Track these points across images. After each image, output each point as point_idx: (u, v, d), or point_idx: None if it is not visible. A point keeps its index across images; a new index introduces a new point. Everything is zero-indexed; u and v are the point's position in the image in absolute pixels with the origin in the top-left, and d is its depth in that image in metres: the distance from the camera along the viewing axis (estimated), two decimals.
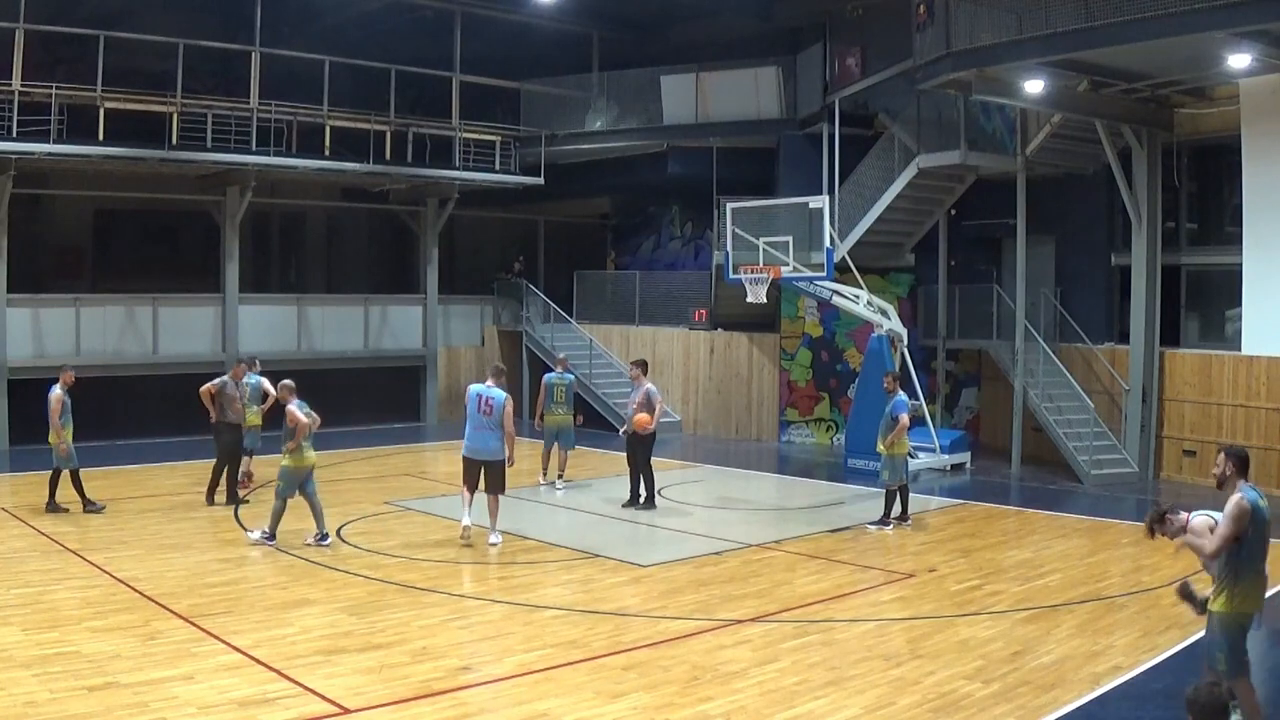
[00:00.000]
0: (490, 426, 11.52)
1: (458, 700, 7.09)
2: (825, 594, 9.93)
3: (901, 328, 17.66)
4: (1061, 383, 17.70)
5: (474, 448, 11.64)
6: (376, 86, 21.54)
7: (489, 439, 11.55)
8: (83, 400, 17.90)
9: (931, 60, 15.59)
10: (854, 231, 19.22)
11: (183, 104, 18.91)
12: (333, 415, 21.75)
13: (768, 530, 12.76)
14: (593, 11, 22.92)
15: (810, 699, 7.20)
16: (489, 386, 11.66)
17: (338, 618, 8.85)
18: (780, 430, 21.16)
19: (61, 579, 9.88)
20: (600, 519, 13.50)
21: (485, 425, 11.54)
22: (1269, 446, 15.52)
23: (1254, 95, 15.54)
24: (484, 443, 11.58)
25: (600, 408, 22.65)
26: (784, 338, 21.19)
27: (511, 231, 27.74)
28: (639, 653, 8.12)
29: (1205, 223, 17.95)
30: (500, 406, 11.47)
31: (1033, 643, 8.44)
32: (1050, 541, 12.40)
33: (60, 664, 7.47)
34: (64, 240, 22.61)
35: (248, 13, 19.88)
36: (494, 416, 11.48)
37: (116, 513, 13.07)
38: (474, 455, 11.65)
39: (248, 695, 7.00)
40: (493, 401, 11.51)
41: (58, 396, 12.74)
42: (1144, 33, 13.09)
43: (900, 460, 12.94)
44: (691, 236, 24.59)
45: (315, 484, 11.63)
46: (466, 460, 11.73)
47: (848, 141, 19.43)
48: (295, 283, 25.11)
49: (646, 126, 22.88)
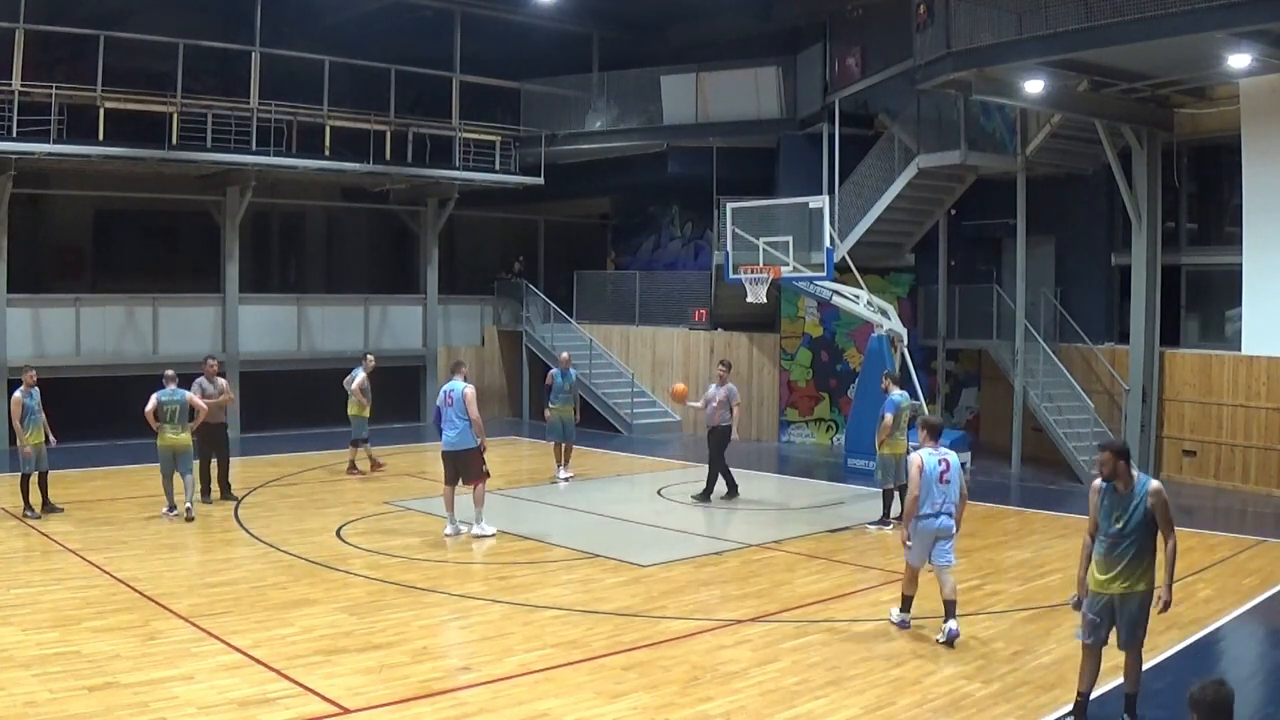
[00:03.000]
0: (451, 418, 11.89)
1: (458, 700, 7.09)
2: (825, 594, 9.93)
3: (901, 328, 17.65)
4: (1061, 383, 17.70)
5: (444, 440, 12.05)
6: (376, 86, 21.54)
7: (450, 430, 11.91)
8: (83, 400, 18.08)
9: (931, 60, 15.59)
10: (854, 231, 19.22)
11: (183, 104, 18.91)
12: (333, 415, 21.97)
13: (768, 530, 12.76)
14: (593, 11, 22.92)
15: (810, 699, 7.20)
16: (453, 381, 12.12)
17: (338, 618, 8.85)
18: (780, 430, 21.16)
19: (61, 579, 9.88)
20: (600, 519, 13.50)
21: (448, 417, 11.93)
22: (1269, 446, 15.53)
23: (1254, 95, 15.54)
24: (447, 433, 11.96)
25: (600, 408, 22.67)
26: (784, 338, 21.19)
27: (511, 231, 27.74)
28: (639, 653, 8.12)
29: (1205, 223, 17.94)
30: (459, 397, 11.85)
31: (1033, 643, 8.44)
32: (1050, 541, 12.40)
33: (60, 664, 7.47)
34: (64, 240, 22.60)
35: (248, 13, 19.88)
36: (454, 407, 11.86)
37: (117, 513, 13.05)
38: (445, 447, 12.04)
39: (248, 695, 7.00)
40: (453, 393, 11.92)
41: (17, 399, 12.49)
42: (1144, 33, 13.09)
43: (895, 460, 12.90)
44: (691, 236, 24.59)
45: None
46: (442, 455, 12.15)
47: (848, 141, 19.43)
48: (295, 283, 25.12)
49: (646, 126, 22.89)
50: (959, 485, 8.54)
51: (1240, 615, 9.39)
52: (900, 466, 13.04)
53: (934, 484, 8.44)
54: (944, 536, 8.51)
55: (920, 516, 8.45)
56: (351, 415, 16.34)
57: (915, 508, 8.43)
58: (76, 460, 16.03)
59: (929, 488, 8.43)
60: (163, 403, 12.70)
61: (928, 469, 8.43)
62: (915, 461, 8.52)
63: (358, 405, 16.25)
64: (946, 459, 8.57)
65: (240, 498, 14.01)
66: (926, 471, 8.42)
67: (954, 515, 8.50)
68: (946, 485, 8.48)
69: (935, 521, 8.46)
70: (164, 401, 12.71)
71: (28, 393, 12.55)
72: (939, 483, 8.45)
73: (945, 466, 8.51)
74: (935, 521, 8.46)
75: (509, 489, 15.28)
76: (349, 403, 16.33)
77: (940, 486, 8.46)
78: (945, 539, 8.51)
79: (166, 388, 12.84)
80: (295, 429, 20.84)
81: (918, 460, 8.50)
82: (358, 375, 16.37)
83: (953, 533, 8.54)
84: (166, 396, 12.75)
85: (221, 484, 13.94)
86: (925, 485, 8.42)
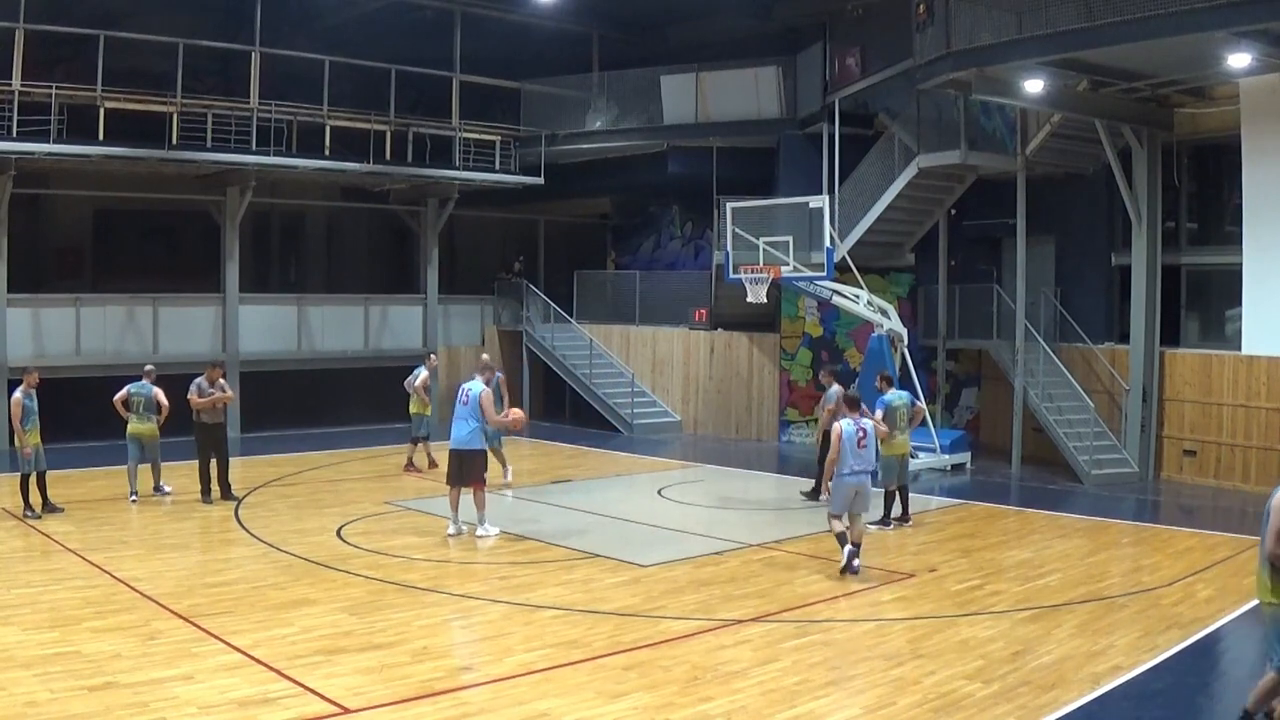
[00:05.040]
0: (463, 416, 11.89)
1: (458, 700, 7.09)
2: (825, 594, 9.93)
3: (901, 327, 17.65)
4: (1061, 383, 17.69)
5: (453, 437, 12.04)
6: (376, 86, 21.54)
7: (461, 428, 11.89)
8: (83, 400, 18.05)
9: (931, 60, 15.58)
10: (854, 231, 19.22)
11: (183, 104, 18.91)
12: (333, 415, 22.01)
13: (768, 530, 12.75)
14: (593, 11, 22.92)
15: (810, 699, 7.20)
16: (473, 381, 12.17)
17: (338, 618, 8.85)
18: (780, 430, 21.16)
19: (61, 579, 9.88)
20: (600, 519, 13.50)
21: (460, 415, 11.93)
22: (1269, 446, 15.53)
23: (1254, 95, 15.54)
24: (457, 431, 11.95)
25: (601, 408, 22.67)
26: (784, 338, 21.19)
27: (511, 231, 27.74)
28: (639, 653, 8.12)
29: (1205, 223, 17.93)
30: (475, 397, 11.86)
31: (1033, 643, 8.43)
32: (1050, 541, 12.40)
33: (60, 664, 7.47)
34: (64, 240, 22.61)
35: (248, 13, 19.88)
36: (469, 406, 11.87)
37: (117, 513, 13.06)
38: (453, 445, 12.03)
39: (248, 695, 7.00)
40: (469, 393, 11.94)
41: (17, 400, 12.50)
42: (1144, 32, 13.09)
43: (895, 460, 12.91)
44: (691, 236, 24.58)
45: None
46: (449, 454, 12.15)
47: (848, 141, 19.43)
48: (295, 283, 25.11)
49: (646, 126, 22.88)
50: (874, 449, 10.47)
51: (1240, 615, 9.38)
52: (902, 467, 13.09)
53: (852, 448, 10.15)
54: (861, 492, 10.25)
55: (840, 475, 10.17)
56: (412, 413, 16.58)
57: (833, 468, 10.21)
58: (76, 460, 16.06)
59: (847, 452, 10.13)
60: (131, 394, 13.68)
61: (846, 436, 10.17)
62: (836, 430, 10.28)
63: (420, 403, 16.51)
64: (864, 428, 10.34)
65: (240, 498, 14.01)
66: (845, 438, 10.17)
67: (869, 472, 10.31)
68: (864, 450, 10.24)
69: (853, 479, 10.21)
70: (133, 393, 13.68)
71: (28, 393, 12.55)
72: (857, 447, 10.18)
73: (863, 434, 10.26)
74: (853, 479, 10.21)
75: (509, 489, 15.27)
76: (410, 401, 16.58)
77: (858, 451, 10.20)
78: (861, 494, 10.27)
79: (141, 381, 13.80)
80: (295, 429, 20.85)
81: (838, 428, 10.26)
82: (420, 374, 16.61)
83: (869, 488, 10.32)
84: (136, 388, 13.72)
85: (221, 484, 13.94)
86: (844, 449, 10.13)
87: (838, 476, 10.19)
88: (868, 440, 10.32)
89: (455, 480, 12.05)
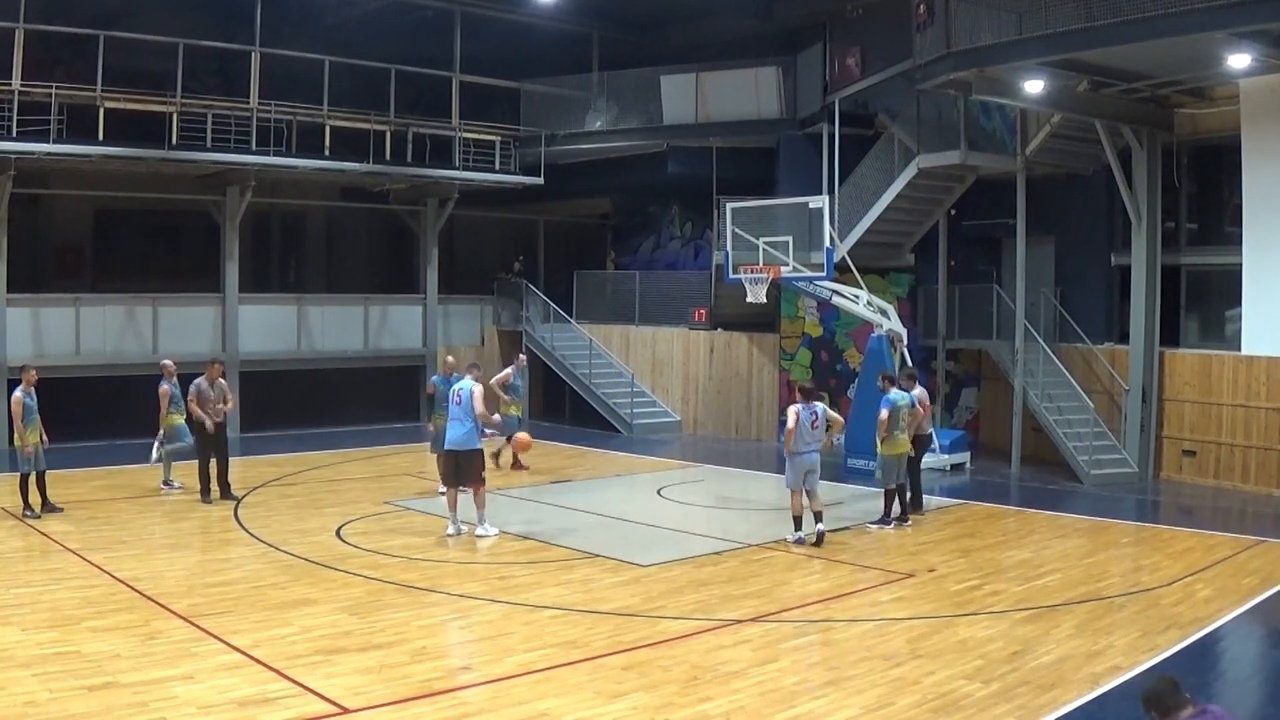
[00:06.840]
0: (458, 416, 11.91)
1: (458, 700, 7.09)
2: (825, 594, 9.94)
3: (901, 327, 17.65)
4: (1061, 383, 17.69)
5: (448, 437, 12.04)
6: (376, 86, 21.54)
7: (457, 428, 11.91)
8: (83, 400, 18.08)
9: (931, 60, 15.58)
10: (854, 231, 19.21)
11: (183, 104, 18.91)
12: (333, 415, 22.01)
13: (768, 530, 12.75)
14: (593, 11, 22.92)
15: (810, 699, 7.20)
16: (464, 379, 12.21)
17: (338, 617, 8.85)
18: (780, 430, 21.13)
19: (61, 579, 9.88)
20: (600, 519, 13.50)
21: (455, 415, 11.95)
22: (1269, 446, 15.53)
23: (1254, 95, 15.53)
24: (453, 432, 11.96)
25: (600, 408, 22.67)
26: (784, 338, 21.18)
27: (511, 231, 27.72)
28: (639, 653, 8.12)
29: (1205, 223, 17.93)
30: (468, 395, 11.88)
31: (1032, 643, 8.44)
32: (1050, 541, 12.40)
33: (60, 664, 7.47)
34: (64, 240, 22.60)
35: (248, 13, 19.87)
36: (463, 405, 11.87)
37: (117, 513, 13.06)
38: (448, 445, 12.03)
39: (248, 695, 7.00)
40: (461, 392, 11.96)
41: (17, 399, 12.47)
42: (1144, 33, 13.08)
43: (894, 460, 12.90)
44: (691, 236, 24.58)
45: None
46: (445, 453, 12.18)
47: (848, 141, 19.43)
48: (295, 283, 25.09)
49: (646, 126, 22.87)
50: (823, 430, 11.91)
51: (1240, 615, 9.38)
52: (901, 467, 13.09)
53: (806, 429, 11.73)
54: (812, 470, 11.84)
55: (796, 453, 11.71)
56: (504, 415, 16.46)
57: (791, 445, 11.72)
58: (76, 460, 16.05)
59: (802, 432, 11.68)
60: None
61: (803, 418, 11.73)
62: (792, 412, 11.77)
63: (502, 405, 16.59)
64: (816, 411, 11.85)
65: (240, 498, 14.01)
66: (801, 420, 11.71)
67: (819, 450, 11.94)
68: (816, 430, 11.81)
69: (808, 456, 11.77)
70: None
71: (28, 392, 12.54)
72: (810, 428, 11.76)
73: (815, 416, 11.82)
74: (808, 456, 11.77)
75: (508, 489, 15.28)
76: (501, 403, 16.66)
77: (812, 431, 11.78)
78: (813, 470, 11.85)
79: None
80: (295, 429, 20.85)
81: (794, 411, 11.75)
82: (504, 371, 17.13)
83: (818, 465, 11.89)
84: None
85: (221, 484, 13.93)
86: (800, 430, 11.67)
87: (794, 454, 11.71)
88: (819, 422, 11.84)
89: (452, 481, 12.07)
